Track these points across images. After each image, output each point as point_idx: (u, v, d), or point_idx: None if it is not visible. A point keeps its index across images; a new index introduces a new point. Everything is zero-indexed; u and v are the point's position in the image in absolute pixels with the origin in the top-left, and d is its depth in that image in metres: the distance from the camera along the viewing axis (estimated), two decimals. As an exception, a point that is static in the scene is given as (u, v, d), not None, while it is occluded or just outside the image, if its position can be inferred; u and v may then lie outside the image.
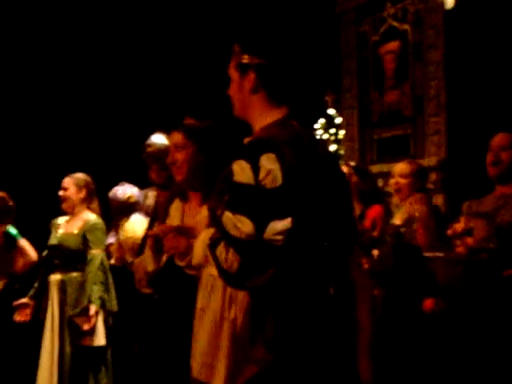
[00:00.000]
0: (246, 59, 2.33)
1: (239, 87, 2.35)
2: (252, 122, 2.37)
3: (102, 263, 4.73)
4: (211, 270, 2.41)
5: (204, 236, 2.27)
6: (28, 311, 4.85)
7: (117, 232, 4.91)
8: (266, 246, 2.06)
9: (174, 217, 3.21)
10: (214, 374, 2.66)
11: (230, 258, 2.07)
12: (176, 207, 3.23)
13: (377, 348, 4.19)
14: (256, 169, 2.10)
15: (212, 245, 2.15)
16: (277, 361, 2.13)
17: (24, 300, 4.87)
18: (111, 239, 5.04)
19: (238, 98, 2.38)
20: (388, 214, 4.90)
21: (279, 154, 2.12)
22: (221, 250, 2.10)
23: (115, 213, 5.03)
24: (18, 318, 4.85)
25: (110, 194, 5.05)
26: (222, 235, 2.12)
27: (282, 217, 2.08)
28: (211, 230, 2.24)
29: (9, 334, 5.15)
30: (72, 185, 4.86)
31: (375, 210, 4.88)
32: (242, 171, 2.12)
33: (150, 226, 3.62)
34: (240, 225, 2.06)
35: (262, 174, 2.10)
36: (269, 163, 2.10)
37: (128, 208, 4.93)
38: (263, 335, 2.15)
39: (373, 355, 4.20)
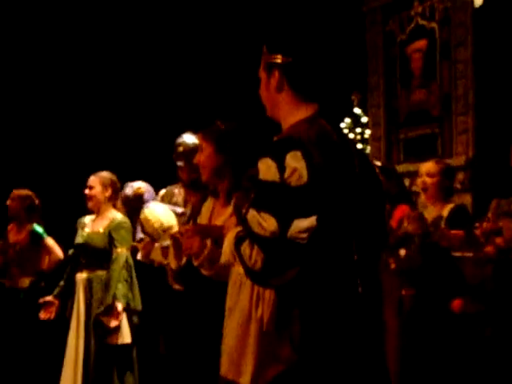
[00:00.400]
0: (270, 58, 2.32)
1: (266, 87, 2.35)
2: (281, 120, 2.36)
3: (126, 261, 4.74)
4: (239, 269, 2.40)
5: (231, 234, 2.26)
6: (53, 309, 4.88)
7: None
8: (290, 244, 2.04)
9: (204, 215, 3.24)
10: (240, 372, 2.66)
11: (254, 255, 2.06)
12: (207, 206, 3.27)
13: (405, 348, 4.16)
14: (281, 167, 2.09)
15: (237, 242, 2.14)
16: (302, 360, 2.12)
17: (49, 298, 4.90)
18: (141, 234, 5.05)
19: (266, 97, 2.38)
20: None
21: (305, 152, 2.10)
22: (245, 247, 2.09)
23: (130, 211, 5.06)
24: (43, 315, 4.88)
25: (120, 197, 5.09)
26: (246, 233, 2.11)
27: (306, 215, 2.06)
28: (239, 228, 2.24)
29: (35, 332, 5.19)
30: (98, 183, 4.87)
31: (402, 210, 4.84)
32: (267, 169, 2.11)
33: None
34: (264, 223, 2.05)
35: (287, 172, 2.08)
36: (294, 161, 2.09)
37: (139, 200, 5.00)
38: (289, 334, 2.14)
39: (401, 355, 4.17)
